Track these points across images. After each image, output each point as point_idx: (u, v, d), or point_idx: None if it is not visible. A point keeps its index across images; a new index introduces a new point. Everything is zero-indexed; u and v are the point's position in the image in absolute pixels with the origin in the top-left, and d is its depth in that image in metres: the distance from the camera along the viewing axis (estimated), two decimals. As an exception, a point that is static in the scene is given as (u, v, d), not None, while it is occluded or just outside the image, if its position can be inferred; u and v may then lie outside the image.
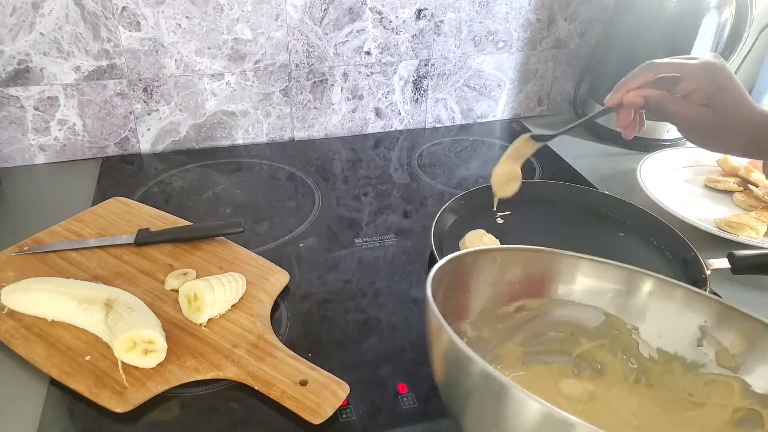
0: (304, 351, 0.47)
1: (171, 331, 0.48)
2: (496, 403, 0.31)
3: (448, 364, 0.35)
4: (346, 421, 0.43)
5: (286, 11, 0.75)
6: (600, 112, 0.57)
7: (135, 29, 0.71)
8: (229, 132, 0.81)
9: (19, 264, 0.55)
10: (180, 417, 0.43)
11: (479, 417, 0.33)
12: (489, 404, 0.32)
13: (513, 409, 0.30)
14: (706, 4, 0.75)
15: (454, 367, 0.34)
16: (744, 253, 0.56)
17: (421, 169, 0.79)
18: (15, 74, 0.69)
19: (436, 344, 0.35)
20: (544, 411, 0.29)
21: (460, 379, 0.33)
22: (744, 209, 0.70)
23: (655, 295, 0.44)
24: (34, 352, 0.46)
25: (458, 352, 0.32)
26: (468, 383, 0.33)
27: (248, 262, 0.56)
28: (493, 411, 0.32)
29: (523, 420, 0.30)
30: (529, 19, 0.86)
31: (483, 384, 0.32)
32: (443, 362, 0.35)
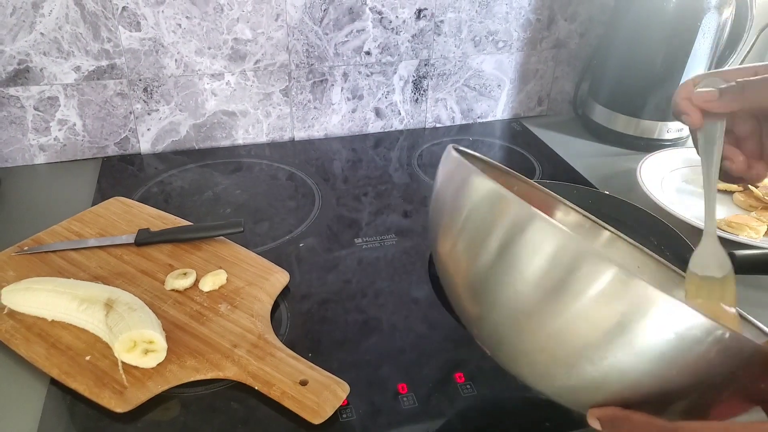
0: (304, 351, 0.47)
1: (171, 331, 0.48)
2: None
3: (479, 210, 0.34)
4: (346, 421, 0.43)
5: (286, 11, 0.75)
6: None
7: (135, 29, 0.71)
8: (229, 132, 0.81)
9: (19, 264, 0.55)
10: (180, 417, 0.43)
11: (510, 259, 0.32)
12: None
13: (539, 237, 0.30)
14: (706, 4, 0.75)
15: (489, 209, 0.33)
16: (744, 253, 0.56)
17: (421, 169, 0.79)
18: (15, 74, 0.69)
19: (466, 193, 0.34)
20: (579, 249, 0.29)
21: (495, 224, 0.32)
22: (744, 209, 0.70)
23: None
24: (35, 352, 0.46)
25: (494, 191, 0.32)
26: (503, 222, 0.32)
27: (248, 261, 0.56)
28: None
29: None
30: (529, 19, 0.86)
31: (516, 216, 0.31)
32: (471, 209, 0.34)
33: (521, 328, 0.32)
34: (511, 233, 0.31)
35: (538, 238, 0.30)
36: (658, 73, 0.80)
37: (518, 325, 0.32)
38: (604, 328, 0.29)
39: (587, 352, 0.30)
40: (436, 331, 0.52)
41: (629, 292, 0.28)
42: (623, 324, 0.28)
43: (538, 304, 0.31)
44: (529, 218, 0.30)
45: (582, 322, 0.29)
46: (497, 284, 0.32)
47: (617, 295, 0.28)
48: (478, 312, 0.35)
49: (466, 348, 0.50)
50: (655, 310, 0.27)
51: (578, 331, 0.30)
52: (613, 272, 0.28)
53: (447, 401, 0.45)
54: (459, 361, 0.49)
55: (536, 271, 0.30)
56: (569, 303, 0.29)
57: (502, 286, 0.32)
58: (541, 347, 0.32)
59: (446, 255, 0.37)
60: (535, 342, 0.32)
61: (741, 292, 0.58)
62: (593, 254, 0.28)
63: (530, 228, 0.30)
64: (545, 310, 0.30)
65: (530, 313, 0.31)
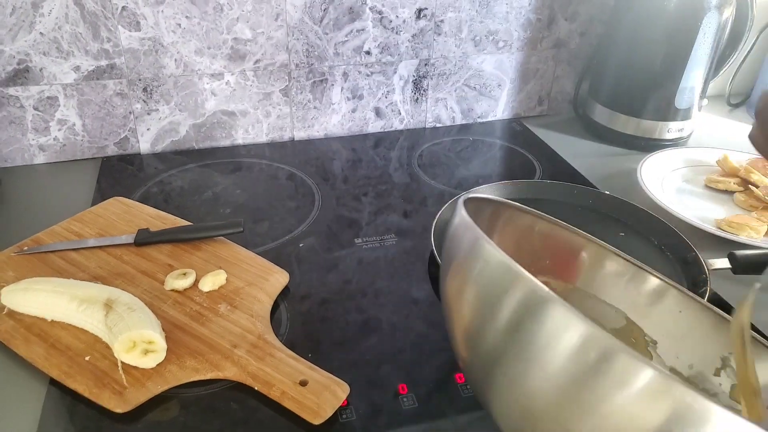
0: (304, 351, 0.47)
1: (171, 332, 0.47)
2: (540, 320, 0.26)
3: (486, 281, 0.29)
4: (346, 421, 0.43)
5: (285, 11, 0.75)
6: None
7: (135, 29, 0.71)
8: (229, 132, 0.81)
9: (18, 264, 0.55)
10: (180, 417, 0.43)
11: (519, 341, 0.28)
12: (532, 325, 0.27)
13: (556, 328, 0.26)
14: (706, 3, 0.75)
15: (496, 285, 0.29)
16: (744, 253, 0.56)
17: (421, 169, 0.79)
18: (15, 74, 0.69)
19: (471, 260, 0.30)
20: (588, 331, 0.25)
21: (500, 302, 0.28)
22: (744, 209, 0.70)
23: (684, 314, 0.42)
24: (34, 353, 0.46)
25: (502, 264, 0.28)
26: (510, 302, 0.28)
27: (248, 262, 0.56)
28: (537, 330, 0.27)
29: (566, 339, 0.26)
30: (530, 18, 0.86)
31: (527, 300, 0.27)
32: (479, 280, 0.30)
33: (535, 427, 0.28)
34: (521, 316, 0.27)
35: (553, 327, 0.26)
36: (659, 73, 0.80)
37: (531, 423, 0.28)
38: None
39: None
40: (436, 331, 0.52)
41: (672, 400, 0.23)
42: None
43: (556, 406, 0.26)
44: (542, 301, 0.26)
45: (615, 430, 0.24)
46: (504, 369, 0.28)
47: (656, 403, 0.23)
48: (478, 377, 0.31)
49: (466, 348, 0.50)
50: (708, 427, 0.23)
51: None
52: (650, 375, 0.23)
53: (447, 401, 0.45)
54: (459, 362, 0.48)
55: (553, 366, 0.26)
56: (596, 409, 0.25)
57: (510, 374, 0.28)
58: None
59: (451, 298, 0.33)
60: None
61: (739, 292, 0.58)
62: (624, 351, 0.24)
63: (544, 314, 0.26)
64: (564, 413, 0.26)
65: (545, 414, 0.27)
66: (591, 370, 0.25)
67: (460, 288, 0.32)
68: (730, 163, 0.75)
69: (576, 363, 0.25)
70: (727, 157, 0.76)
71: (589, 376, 0.25)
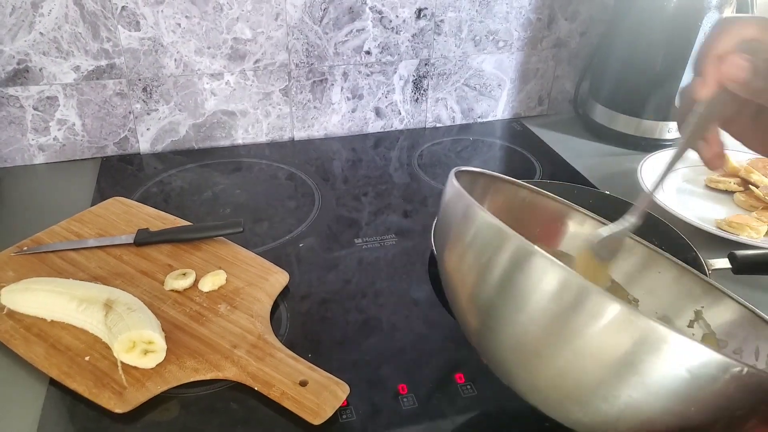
0: (303, 351, 0.47)
1: (170, 332, 0.47)
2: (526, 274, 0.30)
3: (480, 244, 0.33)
4: (346, 421, 0.43)
5: (285, 10, 0.75)
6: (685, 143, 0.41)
7: (134, 29, 0.71)
8: (229, 132, 0.81)
9: (18, 264, 0.55)
10: (179, 417, 0.43)
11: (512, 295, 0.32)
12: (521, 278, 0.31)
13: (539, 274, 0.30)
14: (706, 3, 0.75)
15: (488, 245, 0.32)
16: (745, 253, 0.56)
17: (422, 169, 0.78)
18: (14, 74, 0.69)
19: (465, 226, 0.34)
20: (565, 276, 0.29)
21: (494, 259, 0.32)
22: (745, 209, 0.70)
23: (662, 275, 0.46)
24: (34, 353, 0.46)
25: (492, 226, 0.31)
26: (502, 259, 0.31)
27: (248, 262, 0.56)
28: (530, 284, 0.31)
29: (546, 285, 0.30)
30: (530, 18, 0.86)
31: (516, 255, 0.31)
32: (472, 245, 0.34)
33: (528, 363, 0.32)
34: (511, 270, 0.31)
35: (536, 276, 0.30)
36: (659, 73, 0.80)
37: (525, 360, 0.32)
38: (612, 366, 0.28)
39: (599, 390, 0.29)
40: (436, 331, 0.52)
41: (635, 329, 0.27)
42: (632, 362, 0.28)
43: (542, 341, 0.30)
44: (527, 255, 0.30)
45: (589, 361, 0.29)
46: (501, 318, 0.32)
47: (622, 332, 0.28)
48: (483, 334, 0.35)
49: (466, 348, 0.50)
50: (665, 348, 0.27)
51: (587, 369, 0.29)
52: (617, 309, 0.27)
53: (447, 402, 0.45)
54: (459, 362, 0.48)
55: (538, 308, 0.30)
56: (573, 341, 0.29)
57: (506, 320, 0.32)
58: (551, 384, 0.31)
59: (452, 270, 0.36)
60: (543, 378, 0.32)
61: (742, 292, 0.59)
62: (595, 291, 0.28)
63: (529, 265, 0.30)
64: (549, 347, 0.30)
65: (535, 350, 0.31)
66: (568, 308, 0.29)
67: (459, 254, 0.35)
68: (730, 163, 0.75)
69: (555, 303, 0.29)
70: (728, 157, 0.76)
71: (566, 314, 0.29)
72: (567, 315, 0.29)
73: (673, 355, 0.27)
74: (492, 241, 0.32)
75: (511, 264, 0.31)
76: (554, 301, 0.29)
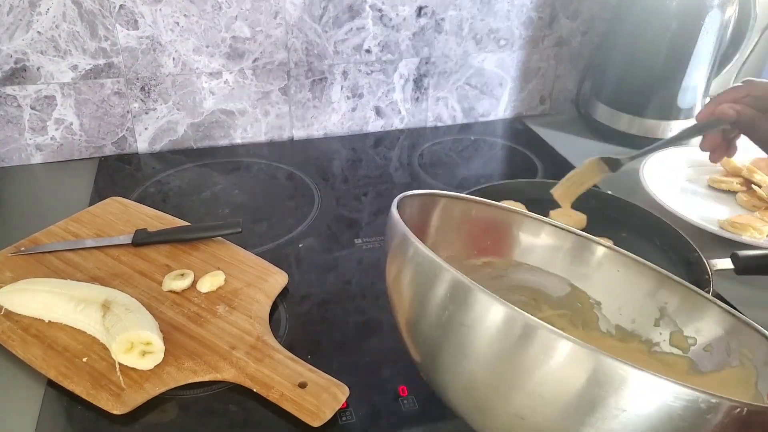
0: (303, 353, 0.47)
1: (168, 333, 0.47)
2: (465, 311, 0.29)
3: (417, 280, 0.32)
4: (345, 423, 0.43)
5: (285, 9, 0.74)
6: (688, 131, 0.56)
7: (132, 27, 0.70)
8: (228, 131, 0.81)
9: (16, 265, 0.54)
10: (178, 419, 0.43)
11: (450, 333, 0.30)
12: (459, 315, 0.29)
13: (480, 313, 0.28)
14: (708, 2, 0.75)
15: (424, 281, 0.31)
16: (747, 253, 0.55)
17: (422, 169, 0.78)
18: (12, 73, 0.69)
19: (401, 259, 0.33)
20: (508, 313, 0.27)
21: (429, 295, 0.31)
22: (747, 209, 0.70)
23: (622, 273, 0.45)
24: (32, 354, 0.46)
25: (427, 260, 0.30)
26: (437, 295, 0.30)
27: (246, 262, 0.56)
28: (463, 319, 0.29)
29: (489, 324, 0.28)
30: (531, 17, 0.85)
31: (452, 291, 0.29)
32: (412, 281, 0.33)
33: (481, 406, 0.30)
34: (450, 306, 0.29)
35: (478, 313, 0.28)
36: (661, 72, 0.80)
37: (478, 403, 0.30)
38: (572, 408, 0.26)
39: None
40: (436, 332, 0.52)
41: (592, 366, 0.25)
42: (593, 403, 0.25)
43: (492, 384, 0.29)
44: (466, 290, 0.28)
45: (546, 403, 0.27)
46: (444, 357, 0.30)
47: (578, 370, 0.25)
48: (429, 370, 0.33)
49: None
50: (628, 386, 0.25)
51: (546, 413, 0.27)
52: (568, 346, 0.25)
53: (448, 404, 0.45)
54: (460, 363, 0.48)
55: (483, 348, 0.28)
56: (525, 382, 0.27)
57: (450, 361, 0.30)
58: (509, 429, 0.29)
59: (395, 300, 0.35)
60: (501, 423, 0.30)
61: (742, 292, 0.58)
62: (542, 327, 0.26)
63: (468, 301, 0.28)
64: (501, 390, 0.28)
65: (486, 393, 0.29)
66: (515, 346, 0.27)
67: (400, 287, 0.35)
68: (733, 163, 0.75)
69: (501, 342, 0.28)
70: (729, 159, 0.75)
71: (514, 353, 0.27)
72: (514, 354, 0.27)
73: (638, 392, 0.25)
74: (428, 275, 0.31)
75: (449, 300, 0.29)
76: (499, 339, 0.27)
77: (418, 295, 0.32)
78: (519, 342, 0.27)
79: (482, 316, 0.28)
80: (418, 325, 0.32)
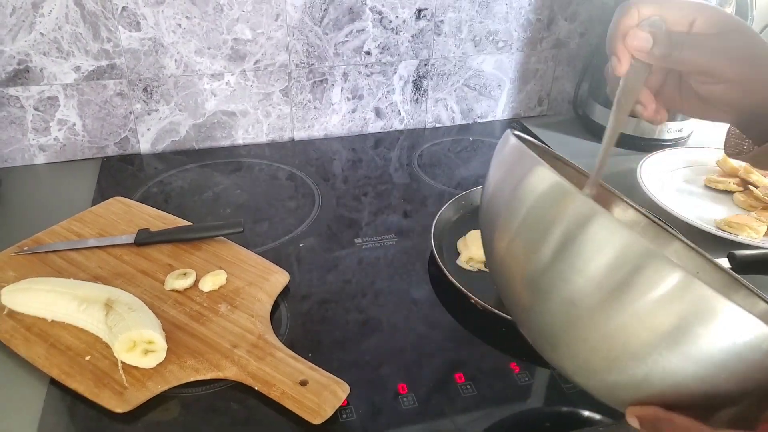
0: (304, 351, 0.47)
1: (171, 331, 0.48)
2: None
3: (543, 202, 0.33)
4: (346, 421, 0.43)
5: (286, 11, 0.75)
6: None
7: (135, 29, 0.71)
8: (229, 132, 0.81)
9: (19, 264, 0.55)
10: (180, 417, 0.43)
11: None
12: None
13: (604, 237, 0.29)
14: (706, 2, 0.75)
15: (552, 203, 0.32)
16: (744, 253, 0.56)
17: (421, 169, 0.79)
18: (15, 74, 0.69)
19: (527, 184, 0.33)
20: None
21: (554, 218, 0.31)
22: (744, 209, 0.70)
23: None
24: (34, 352, 0.46)
25: (557, 184, 0.31)
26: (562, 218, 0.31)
27: (248, 262, 0.56)
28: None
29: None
30: (530, 19, 0.86)
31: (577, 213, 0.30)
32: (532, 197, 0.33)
33: (575, 324, 0.31)
34: (574, 230, 0.30)
35: (601, 237, 0.29)
36: (658, 73, 0.80)
37: (572, 321, 0.31)
38: (662, 331, 0.28)
39: (639, 351, 0.29)
40: (436, 331, 0.52)
41: (693, 297, 0.27)
42: (682, 328, 0.28)
43: (598, 303, 0.30)
44: (592, 215, 0.30)
45: (640, 324, 0.29)
46: (557, 280, 0.31)
47: (680, 299, 0.27)
48: (530, 303, 0.34)
49: (466, 348, 0.50)
50: (719, 317, 0.27)
51: (635, 332, 0.29)
52: (679, 276, 0.27)
53: (447, 401, 0.45)
54: (459, 361, 0.49)
55: (598, 270, 0.29)
56: (629, 304, 0.29)
57: (562, 282, 0.31)
58: (593, 345, 0.31)
59: (503, 249, 0.36)
60: (587, 339, 0.31)
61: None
62: (658, 256, 0.28)
63: (593, 225, 0.30)
64: (604, 309, 0.30)
65: (588, 311, 0.30)
66: (629, 272, 0.28)
67: (522, 217, 0.34)
68: (730, 163, 0.76)
69: (618, 268, 0.29)
70: (727, 158, 0.76)
71: (626, 278, 0.28)
72: (627, 278, 0.28)
73: (725, 324, 0.27)
74: (556, 200, 0.31)
75: (574, 223, 0.30)
76: (615, 263, 0.29)
77: (545, 219, 0.32)
78: (635, 267, 0.28)
79: (605, 240, 0.29)
80: (538, 251, 0.32)
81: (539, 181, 0.33)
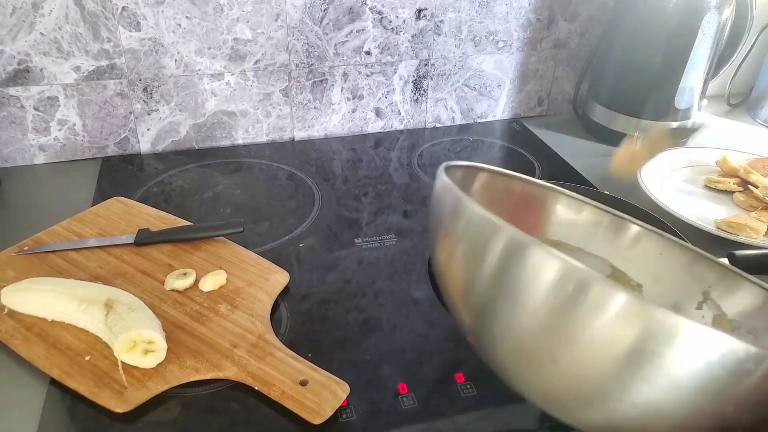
0: (304, 351, 0.47)
1: (171, 331, 0.48)
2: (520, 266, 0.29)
3: (470, 237, 0.32)
4: (346, 421, 0.43)
5: (286, 11, 0.75)
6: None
7: (135, 29, 0.71)
8: (229, 132, 0.81)
9: (19, 264, 0.55)
10: (180, 417, 0.43)
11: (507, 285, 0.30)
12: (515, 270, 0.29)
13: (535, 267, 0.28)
14: (706, 3, 0.75)
15: (479, 238, 0.31)
16: (744, 253, 0.56)
17: (421, 169, 0.79)
18: (15, 74, 0.69)
19: (455, 220, 0.33)
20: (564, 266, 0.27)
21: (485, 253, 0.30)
22: (744, 209, 0.70)
23: (664, 256, 0.44)
24: (34, 352, 0.46)
25: (483, 218, 0.30)
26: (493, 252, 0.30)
27: (248, 262, 0.56)
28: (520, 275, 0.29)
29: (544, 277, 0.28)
30: (529, 19, 0.86)
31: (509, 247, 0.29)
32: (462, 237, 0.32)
33: (529, 363, 0.30)
34: (505, 263, 0.29)
35: (532, 268, 0.28)
36: (658, 73, 0.80)
37: (526, 360, 0.30)
38: (623, 362, 0.26)
39: (612, 389, 0.27)
40: (436, 331, 0.52)
41: (644, 319, 0.25)
42: (644, 356, 0.25)
43: (543, 339, 0.28)
44: (521, 246, 0.28)
45: (597, 358, 0.27)
46: (497, 316, 0.30)
47: (631, 323, 0.25)
48: (479, 333, 0.33)
49: (466, 348, 0.50)
50: (679, 339, 0.25)
51: (596, 367, 0.27)
52: (623, 298, 0.25)
53: (447, 401, 0.45)
54: (459, 361, 0.49)
55: (536, 302, 0.28)
56: (577, 336, 0.27)
57: (502, 318, 0.30)
58: (558, 386, 0.29)
59: (444, 266, 0.35)
60: (548, 379, 0.30)
61: (741, 292, 0.58)
62: (598, 280, 0.26)
63: (523, 257, 0.28)
64: (551, 344, 0.28)
65: (536, 348, 0.29)
66: (569, 301, 0.27)
67: (450, 250, 0.34)
68: (730, 163, 0.76)
69: (555, 297, 0.27)
70: (727, 158, 0.76)
71: (568, 307, 0.27)
72: (568, 308, 0.27)
73: (689, 346, 0.24)
74: (483, 234, 0.30)
75: (505, 257, 0.29)
76: (553, 293, 0.27)
77: (474, 254, 0.31)
78: (574, 295, 0.27)
79: (538, 270, 0.28)
80: (473, 283, 0.32)
81: (466, 216, 0.32)
